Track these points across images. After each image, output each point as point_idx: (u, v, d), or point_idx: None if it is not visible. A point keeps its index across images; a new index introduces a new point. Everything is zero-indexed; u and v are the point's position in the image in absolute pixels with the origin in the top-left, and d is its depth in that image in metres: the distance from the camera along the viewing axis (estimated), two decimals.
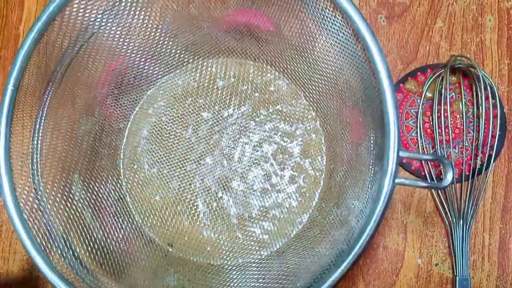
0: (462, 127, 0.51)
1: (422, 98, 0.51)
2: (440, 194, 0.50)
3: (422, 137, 0.51)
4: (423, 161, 0.51)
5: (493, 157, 0.50)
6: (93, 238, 0.41)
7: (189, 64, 0.48)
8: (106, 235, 0.41)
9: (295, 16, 0.42)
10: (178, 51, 0.46)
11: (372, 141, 0.37)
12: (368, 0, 0.54)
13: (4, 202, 0.36)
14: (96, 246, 0.40)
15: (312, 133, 0.48)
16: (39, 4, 0.58)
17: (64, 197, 0.39)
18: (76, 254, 0.38)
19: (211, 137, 0.49)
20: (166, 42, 0.44)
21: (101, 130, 0.44)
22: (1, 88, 0.55)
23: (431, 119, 0.51)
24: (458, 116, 0.51)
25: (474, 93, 0.50)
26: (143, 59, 0.44)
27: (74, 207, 0.40)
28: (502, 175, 0.51)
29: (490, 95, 0.49)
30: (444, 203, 0.49)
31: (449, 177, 0.33)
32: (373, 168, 0.36)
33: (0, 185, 0.36)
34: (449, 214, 0.49)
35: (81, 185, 0.41)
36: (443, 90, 0.50)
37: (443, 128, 0.50)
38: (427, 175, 0.51)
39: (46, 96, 0.39)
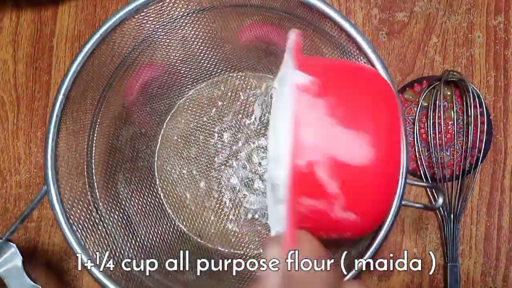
0: (453, 132, 0.56)
1: (419, 107, 0.57)
2: (434, 191, 0.56)
3: (418, 141, 0.57)
4: (418, 163, 0.57)
5: (480, 159, 0.55)
6: (136, 232, 0.46)
7: (215, 77, 0.54)
8: (146, 229, 0.47)
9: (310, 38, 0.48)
10: (208, 66, 0.52)
11: None
12: (370, 18, 0.59)
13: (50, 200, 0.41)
14: (139, 239, 0.46)
15: None
16: (71, 18, 0.62)
17: (112, 195, 0.45)
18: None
19: (235, 143, 0.54)
20: (199, 59, 0.49)
21: (139, 135, 0.50)
22: (42, 97, 0.61)
23: (426, 125, 0.56)
24: (450, 122, 0.56)
25: (464, 103, 0.56)
26: (177, 71, 0.50)
27: (120, 204, 0.46)
28: (488, 175, 0.56)
29: (478, 104, 0.55)
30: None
31: (440, 201, 0.40)
32: None
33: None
34: (441, 209, 0.56)
35: (124, 184, 0.47)
36: (437, 100, 0.56)
37: (436, 133, 0.55)
38: (422, 175, 0.57)
39: (98, 105, 0.44)
